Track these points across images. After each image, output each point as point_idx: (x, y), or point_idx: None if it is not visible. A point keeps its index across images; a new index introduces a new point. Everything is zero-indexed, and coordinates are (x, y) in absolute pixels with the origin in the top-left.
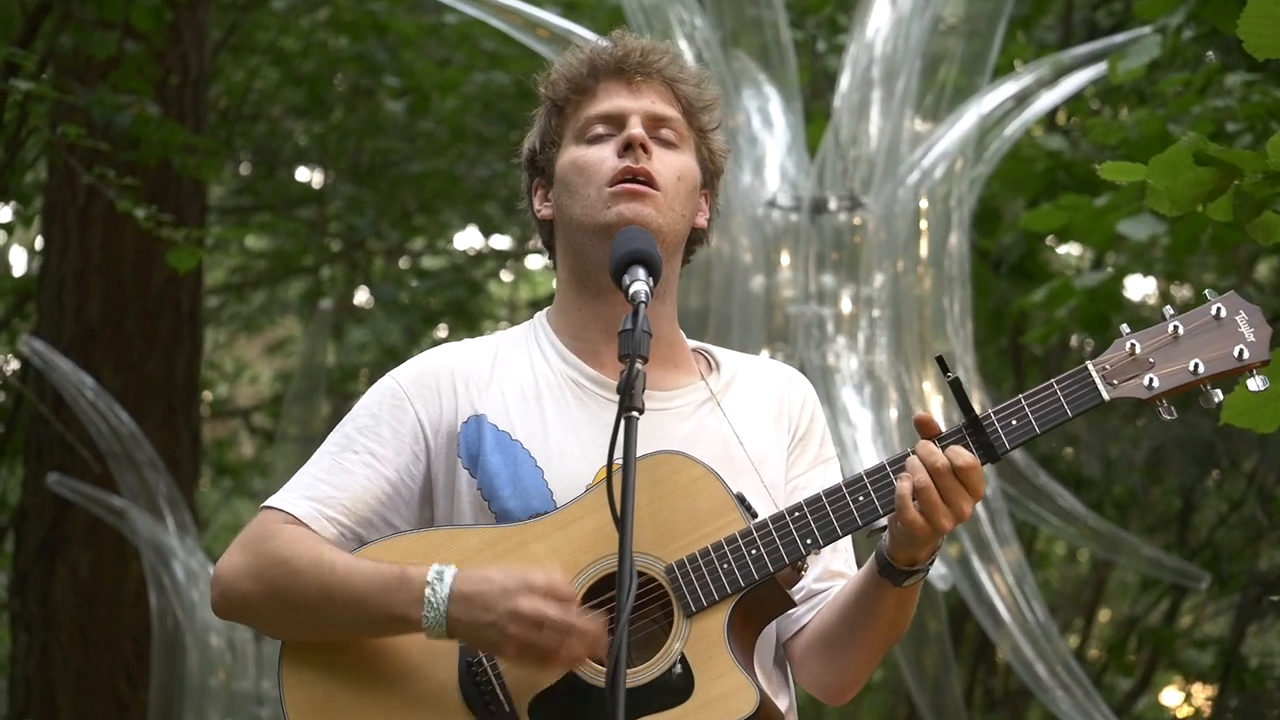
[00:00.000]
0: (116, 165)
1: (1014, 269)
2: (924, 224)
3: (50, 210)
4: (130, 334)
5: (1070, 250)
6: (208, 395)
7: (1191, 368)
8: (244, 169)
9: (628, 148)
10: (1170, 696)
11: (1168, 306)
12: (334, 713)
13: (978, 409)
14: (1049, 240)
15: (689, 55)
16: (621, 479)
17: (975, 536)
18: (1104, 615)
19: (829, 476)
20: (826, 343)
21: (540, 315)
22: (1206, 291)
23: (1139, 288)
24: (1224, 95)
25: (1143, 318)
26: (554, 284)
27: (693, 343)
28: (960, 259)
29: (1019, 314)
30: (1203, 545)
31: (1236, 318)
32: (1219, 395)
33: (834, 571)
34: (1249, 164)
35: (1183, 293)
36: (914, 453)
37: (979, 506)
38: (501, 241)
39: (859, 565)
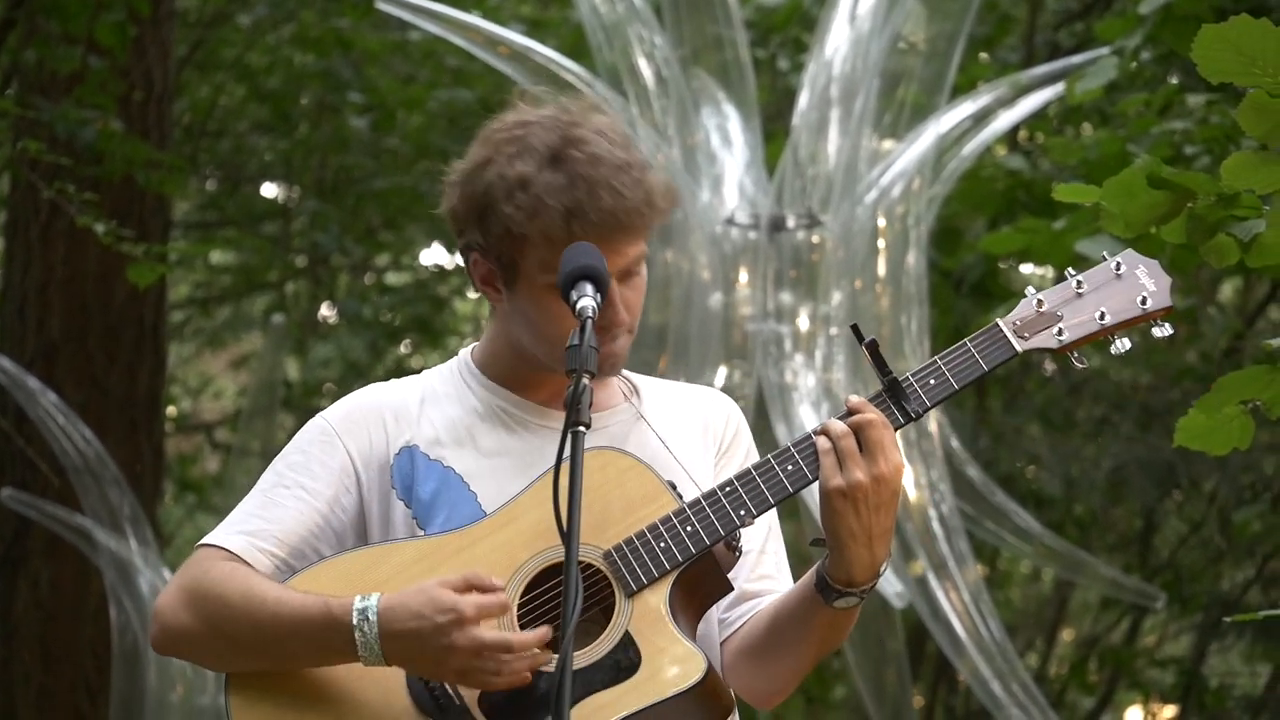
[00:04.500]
0: (80, 180)
1: (975, 288)
2: (882, 243)
3: (12, 225)
4: (93, 349)
5: (1032, 269)
6: (172, 410)
7: (1098, 316)
8: (210, 184)
9: (605, 328)
10: (1134, 716)
11: (1069, 269)
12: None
13: (934, 427)
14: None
15: (648, 74)
16: (569, 493)
17: (932, 554)
18: (1067, 634)
19: None
20: (784, 360)
21: (465, 354)
22: (1104, 253)
23: None
24: (1185, 116)
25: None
26: (489, 324)
27: None
28: (918, 278)
29: None
30: (1164, 565)
31: (1136, 270)
32: (1126, 344)
33: (764, 574)
34: (1202, 187)
35: None
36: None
37: (936, 524)
38: None
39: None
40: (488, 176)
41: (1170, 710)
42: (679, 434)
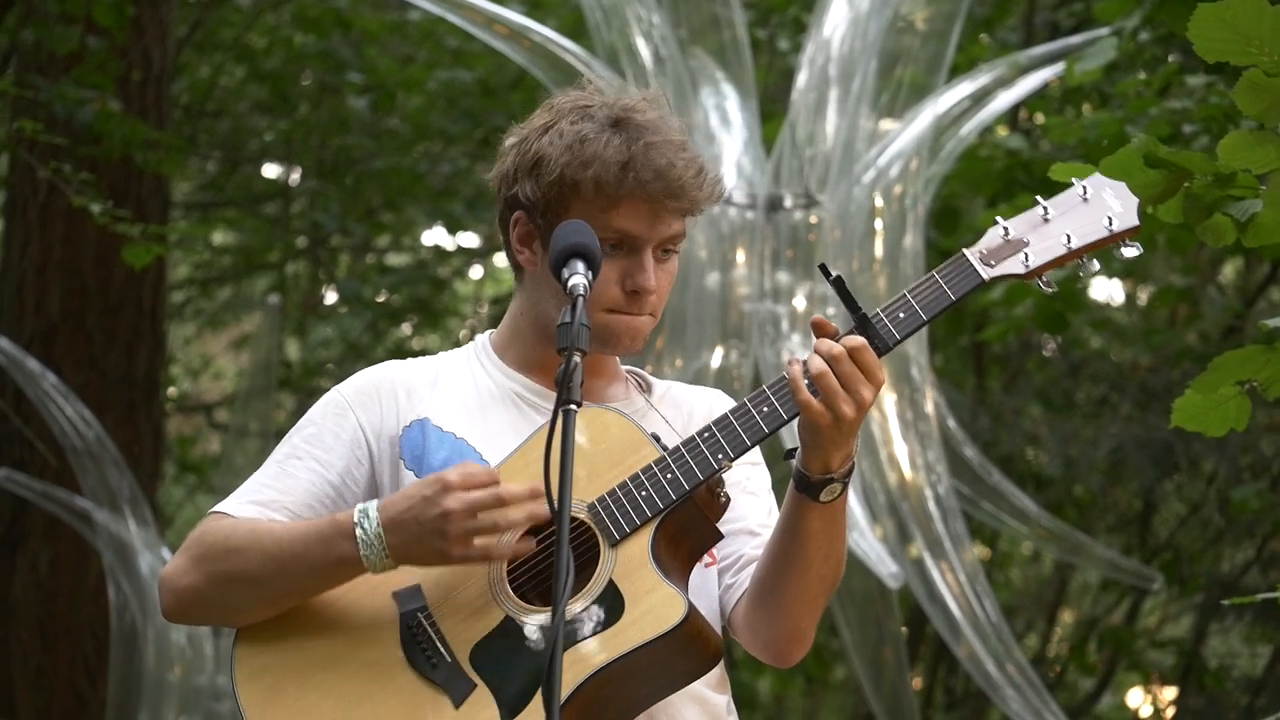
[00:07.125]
0: (78, 161)
1: None
2: (879, 223)
3: (11, 205)
4: (91, 329)
5: None
6: (172, 391)
7: (1064, 239)
8: (210, 165)
9: (635, 292)
10: (1136, 698)
11: (1037, 196)
12: (285, 696)
13: (931, 408)
14: None
15: (646, 54)
16: (560, 473)
17: (928, 535)
18: (1068, 615)
19: (756, 475)
20: (781, 340)
21: (483, 339)
22: (1072, 178)
23: (1103, 289)
24: (1185, 96)
25: (1106, 318)
26: (512, 306)
27: (624, 366)
28: (915, 258)
29: (980, 312)
30: (1163, 546)
31: (1103, 193)
32: (1096, 265)
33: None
34: (1199, 166)
35: (1147, 291)
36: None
37: (932, 505)
38: (470, 239)
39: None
40: (549, 134)
41: (1171, 691)
42: (685, 426)
